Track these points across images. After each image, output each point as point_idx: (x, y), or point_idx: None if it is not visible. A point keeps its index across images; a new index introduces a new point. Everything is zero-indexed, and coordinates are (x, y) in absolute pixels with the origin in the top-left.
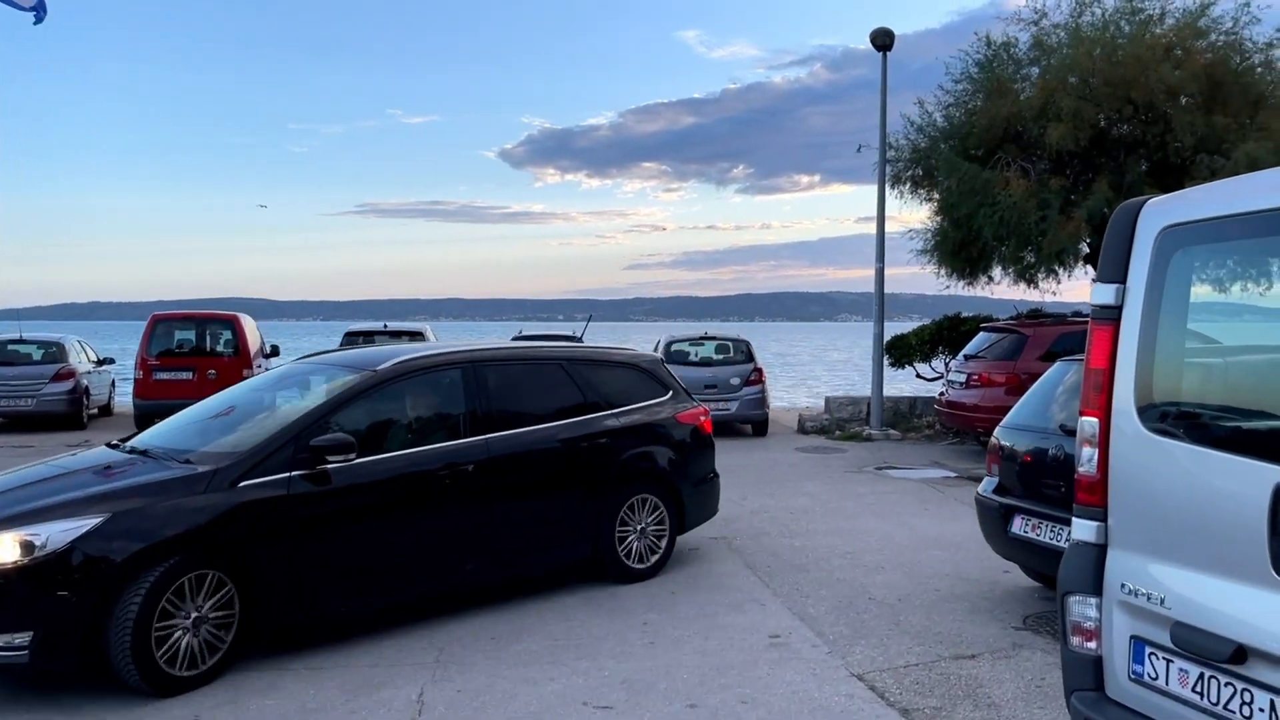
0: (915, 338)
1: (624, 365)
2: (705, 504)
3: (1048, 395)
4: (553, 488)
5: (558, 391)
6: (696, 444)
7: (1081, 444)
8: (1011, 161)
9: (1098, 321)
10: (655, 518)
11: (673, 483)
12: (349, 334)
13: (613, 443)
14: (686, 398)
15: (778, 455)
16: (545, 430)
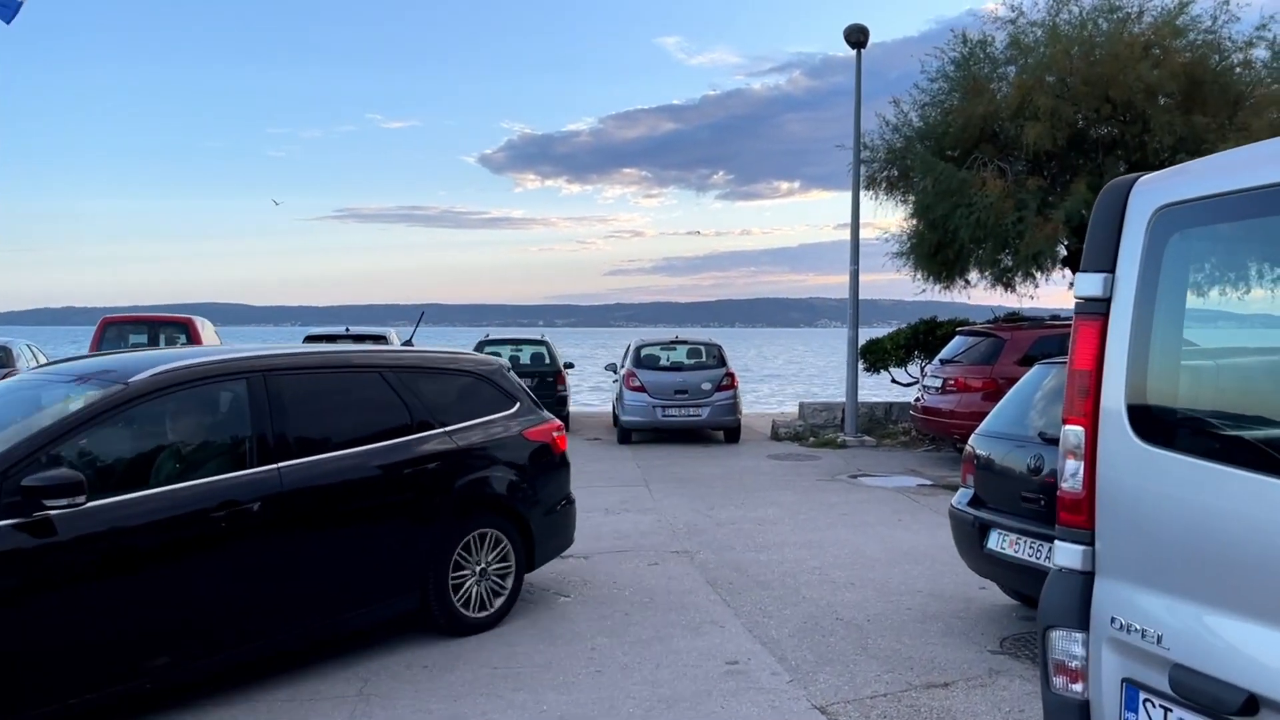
0: (890, 342)
1: (460, 373)
2: (558, 535)
3: (1026, 400)
4: (368, 527)
5: (376, 407)
6: (548, 465)
7: (1065, 456)
8: (988, 162)
9: (1083, 316)
10: (499, 554)
11: (519, 513)
12: (308, 339)
13: (445, 468)
14: (535, 410)
15: (749, 463)
16: (358, 455)
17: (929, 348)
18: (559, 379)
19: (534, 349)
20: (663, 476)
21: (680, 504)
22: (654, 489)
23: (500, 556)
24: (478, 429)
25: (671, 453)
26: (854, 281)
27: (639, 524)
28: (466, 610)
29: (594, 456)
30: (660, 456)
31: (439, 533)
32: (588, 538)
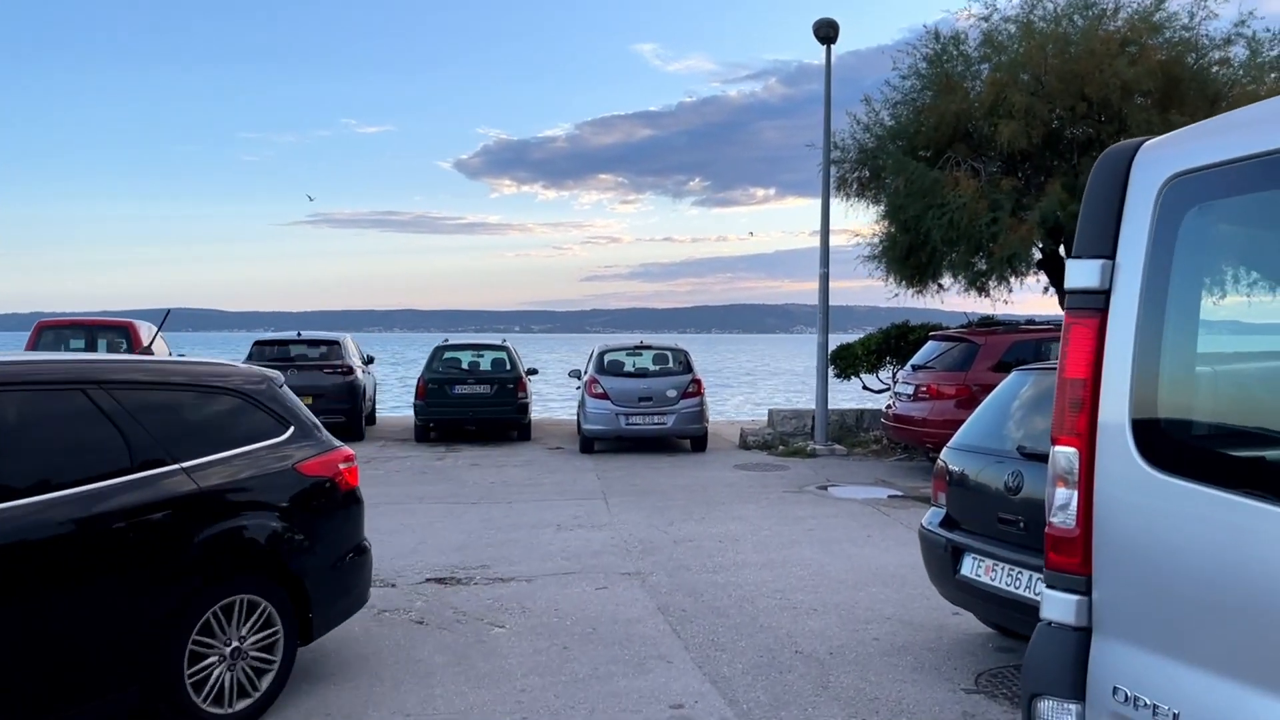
0: (861, 347)
1: (208, 391)
2: (346, 594)
3: (1002, 411)
4: (67, 599)
5: (82, 436)
6: (330, 507)
7: (1054, 482)
8: (961, 161)
9: (1076, 313)
10: (260, 623)
11: (290, 570)
12: (259, 343)
13: (180, 517)
14: (315, 437)
15: (714, 474)
16: (43, 506)
17: (901, 353)
18: (520, 385)
19: (494, 354)
20: (623, 488)
21: (638, 519)
22: (612, 502)
23: (262, 628)
24: (232, 463)
25: (634, 463)
26: (824, 285)
27: (591, 542)
28: (212, 705)
29: (552, 467)
30: (622, 467)
31: (170, 604)
32: (534, 558)
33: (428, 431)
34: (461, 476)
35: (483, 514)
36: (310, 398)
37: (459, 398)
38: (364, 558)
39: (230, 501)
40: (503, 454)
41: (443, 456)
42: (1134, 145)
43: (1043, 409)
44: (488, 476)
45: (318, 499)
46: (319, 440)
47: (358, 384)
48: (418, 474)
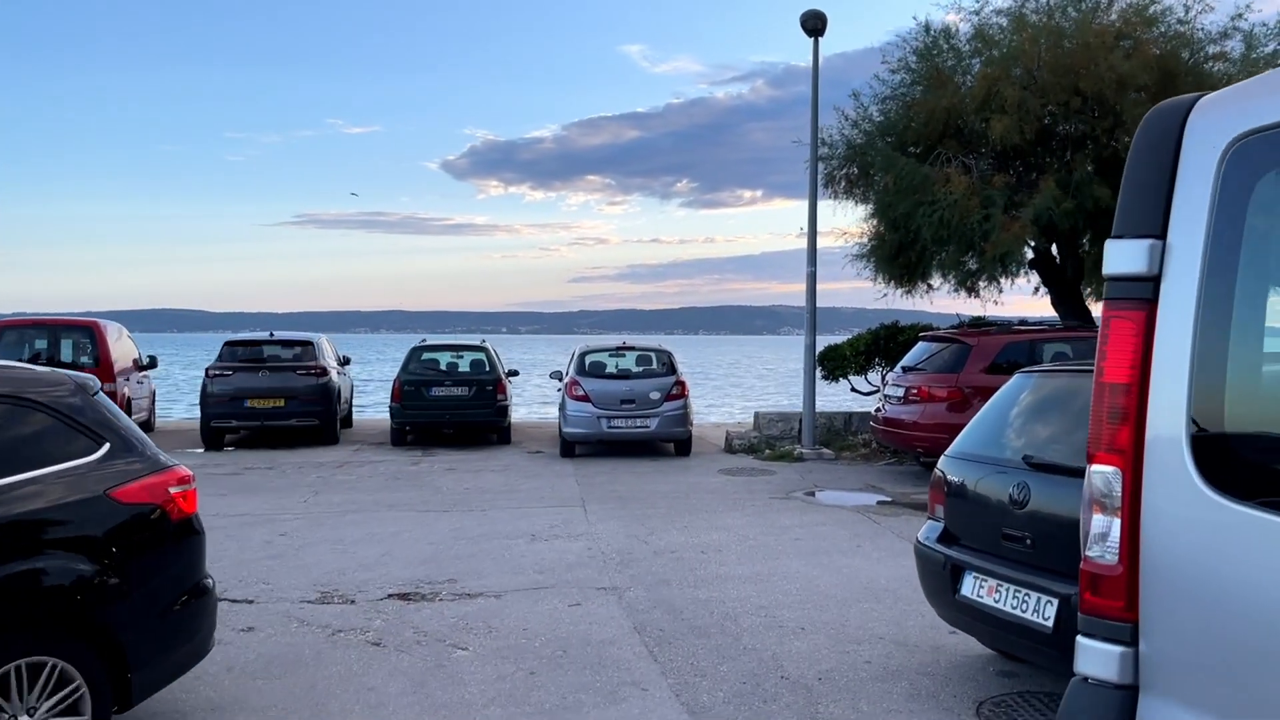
0: (850, 348)
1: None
2: (181, 643)
3: (1003, 416)
4: None
5: None
6: (155, 541)
7: (1090, 508)
8: (952, 158)
9: (1118, 305)
10: (57, 689)
11: (100, 621)
12: (229, 344)
13: None
14: (140, 454)
15: (698, 479)
16: None
17: (891, 354)
18: (499, 387)
19: (473, 355)
20: (603, 495)
21: (617, 528)
22: (591, 510)
23: (65, 696)
24: (22, 491)
25: (616, 467)
26: (811, 284)
27: (566, 553)
28: None
29: (531, 472)
30: (603, 471)
31: None
32: (505, 571)
33: (404, 435)
34: (435, 482)
35: (454, 523)
36: (282, 400)
37: (436, 400)
38: (204, 600)
39: (17, 540)
40: (480, 458)
41: (418, 461)
42: (1188, 101)
43: (1048, 415)
44: (463, 482)
45: (140, 532)
46: (145, 459)
47: (332, 386)
48: (390, 480)
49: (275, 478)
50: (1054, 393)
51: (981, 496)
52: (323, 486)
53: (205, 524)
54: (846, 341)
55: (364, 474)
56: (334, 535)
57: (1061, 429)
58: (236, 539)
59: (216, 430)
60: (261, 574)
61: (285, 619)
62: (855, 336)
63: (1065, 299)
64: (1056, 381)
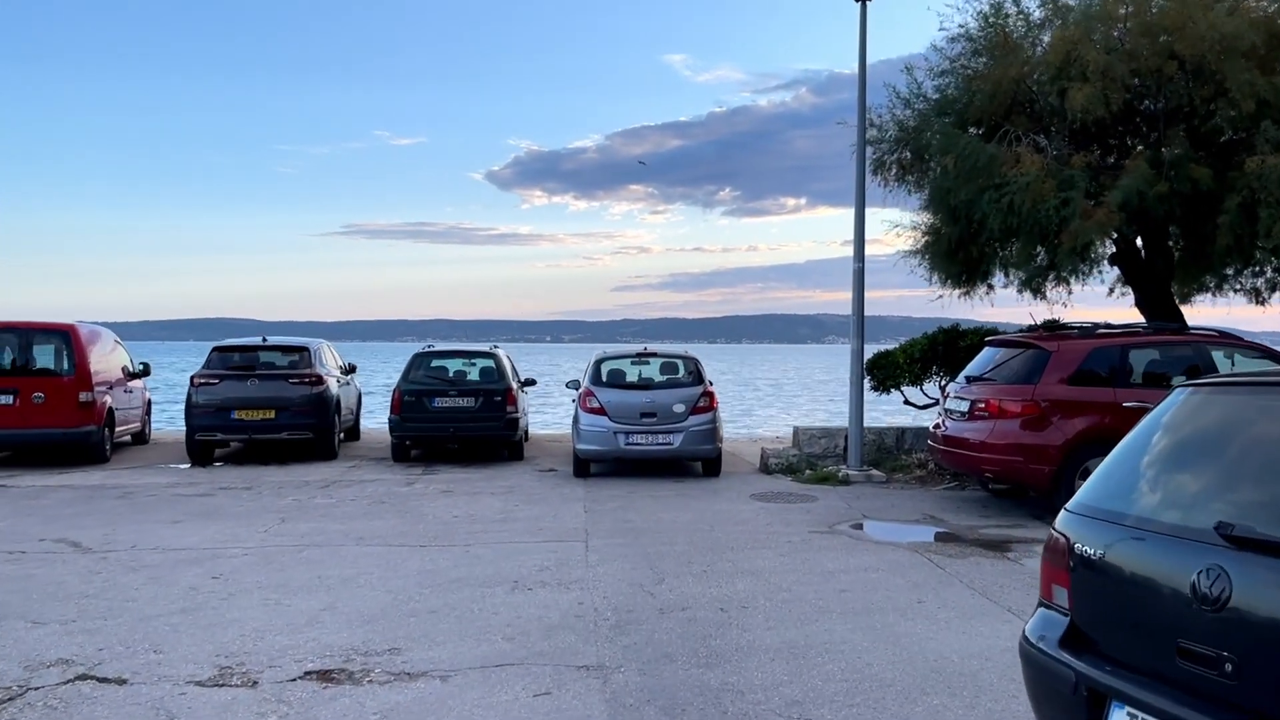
0: (903, 355)
1: None
2: None
3: (1169, 454)
4: None
5: None
6: None
7: None
8: (1022, 136)
9: None
10: None
11: None
12: (218, 349)
13: None
14: None
15: (726, 506)
16: None
17: (950, 362)
18: (509, 398)
19: (482, 363)
20: (612, 526)
21: (621, 572)
22: (594, 546)
23: None
24: None
25: (634, 490)
26: (858, 282)
27: (551, 609)
28: None
29: (535, 495)
30: (617, 496)
31: None
32: (467, 636)
33: (405, 450)
34: (422, 509)
35: (426, 563)
36: (272, 411)
37: (438, 412)
38: None
39: None
40: (484, 477)
41: (413, 480)
42: None
43: (1251, 456)
44: (454, 508)
45: None
46: None
47: (328, 396)
48: (373, 505)
49: (246, 500)
50: (1256, 418)
51: (1141, 583)
52: (294, 512)
53: (134, 562)
54: (899, 347)
55: (347, 496)
56: (276, 580)
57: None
58: (156, 584)
59: (203, 444)
60: (159, 638)
61: (151, 713)
62: (910, 342)
63: (1153, 299)
64: (1259, 400)
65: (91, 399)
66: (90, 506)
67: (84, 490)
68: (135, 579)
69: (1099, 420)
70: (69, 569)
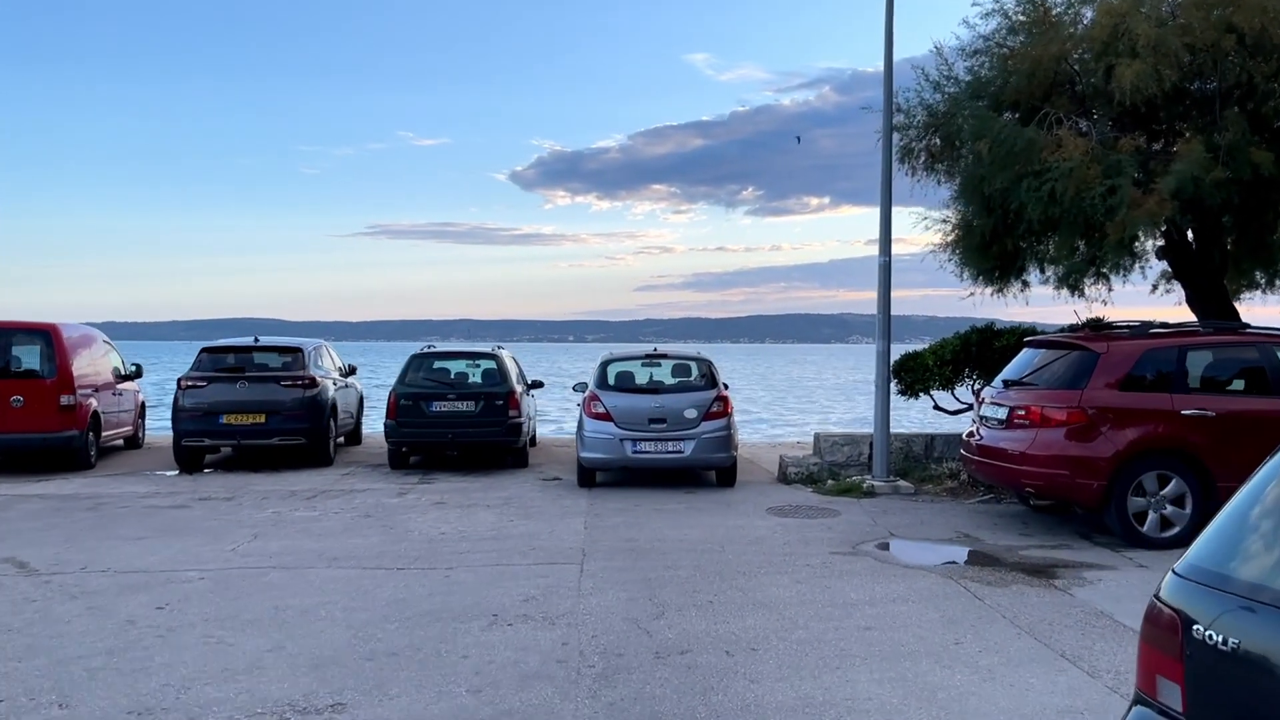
0: (933, 357)
1: None
2: None
3: None
4: None
5: None
6: None
7: None
8: (1063, 118)
9: None
10: None
11: None
12: (207, 350)
13: None
14: None
15: (740, 521)
16: None
17: (984, 364)
18: (511, 402)
19: (484, 364)
20: (612, 545)
21: (616, 602)
22: (590, 570)
23: None
24: None
25: (640, 502)
26: (884, 277)
27: (528, 652)
28: None
29: (533, 508)
30: (622, 509)
31: None
32: (426, 686)
33: (403, 456)
34: (409, 524)
35: (399, 590)
36: (263, 415)
37: (436, 416)
38: None
39: None
40: (482, 487)
41: (406, 490)
42: None
43: None
44: (443, 523)
45: None
46: None
47: (322, 399)
48: (357, 519)
49: (223, 513)
50: None
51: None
52: (269, 528)
53: (78, 588)
54: (929, 348)
55: (332, 508)
56: (227, 611)
57: None
58: (92, 615)
59: (190, 450)
60: (71, 686)
61: None
62: (940, 342)
63: (1206, 296)
64: None
65: (74, 402)
66: (54, 520)
67: (54, 500)
68: (71, 609)
69: (1153, 430)
70: (3, 596)
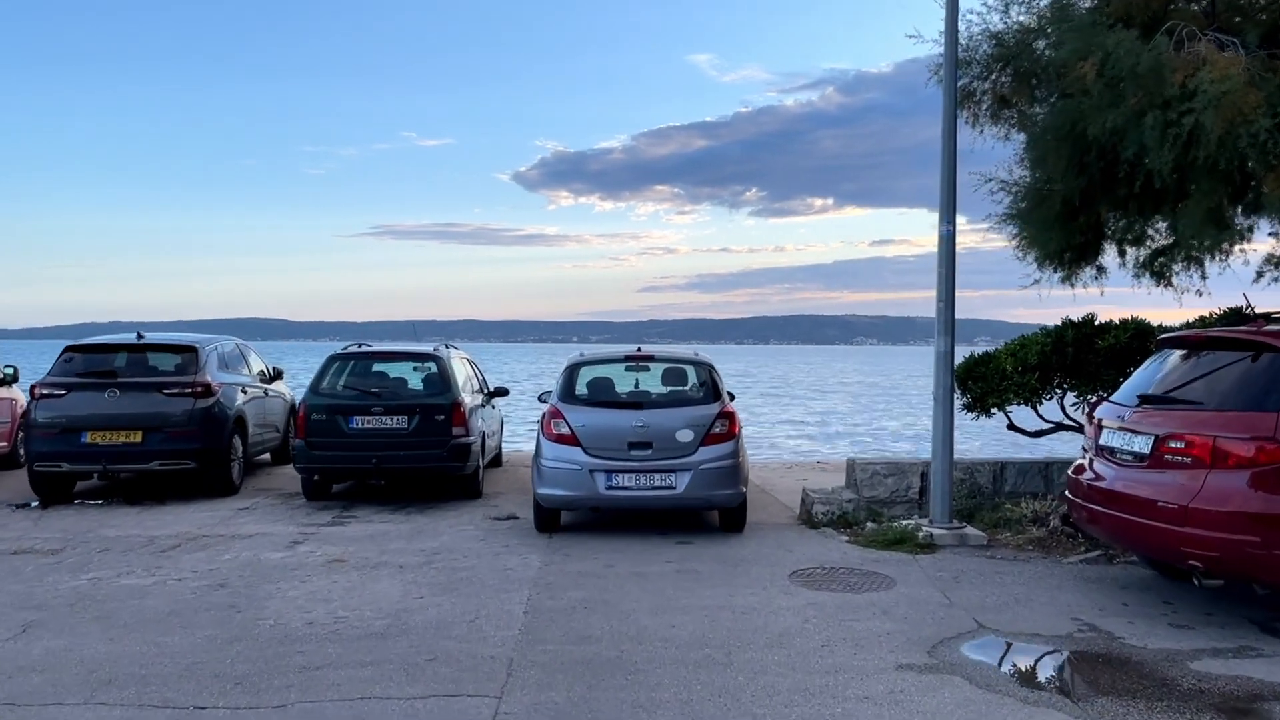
0: (1012, 361)
1: None
2: None
3: None
4: None
5: None
6: None
7: None
8: (1199, 32)
9: None
10: None
11: None
12: (72, 349)
13: None
14: None
15: (755, 599)
16: None
17: (1083, 370)
18: (455, 416)
19: (423, 369)
20: (558, 651)
21: None
22: (514, 700)
23: None
24: None
25: (614, 559)
26: (946, 250)
27: None
28: None
29: (461, 572)
30: (586, 573)
31: None
32: None
33: (321, 486)
34: (271, 602)
35: None
36: (139, 432)
37: (357, 436)
38: None
39: None
40: (407, 533)
41: (302, 538)
42: None
43: None
44: (321, 600)
45: None
46: None
47: (221, 412)
48: (202, 591)
49: (25, 577)
50: None
51: None
52: (62, 609)
53: None
54: (1005, 349)
55: (184, 569)
56: None
57: None
58: None
59: (48, 477)
60: None
61: None
62: (1019, 342)
63: None
64: None
65: None
66: None
67: None
68: None
69: None
70: None
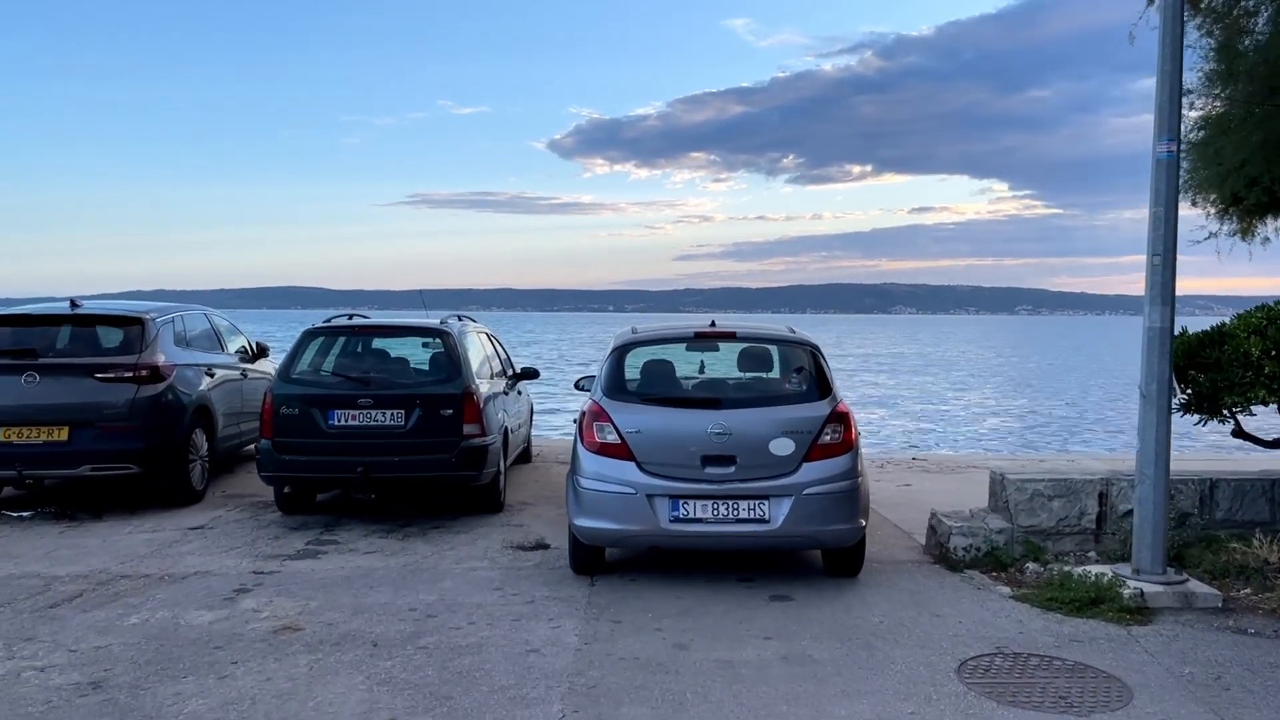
0: (1258, 341)
1: None
2: None
3: None
4: None
5: None
6: None
7: None
8: None
9: None
10: None
11: None
12: None
13: None
14: None
15: (905, 707)
16: None
17: None
18: (467, 410)
19: (426, 348)
20: None
21: None
22: None
23: None
24: None
25: (685, 634)
26: (1167, 180)
27: None
28: None
29: (458, 658)
30: (644, 661)
31: None
32: None
33: (297, 497)
34: (187, 705)
35: None
36: (64, 429)
37: (339, 435)
38: None
39: None
40: (397, 572)
41: (254, 582)
42: None
43: None
44: (235, 717)
45: None
46: None
47: (174, 401)
48: (75, 690)
49: None
50: None
51: None
52: None
53: None
54: (1240, 323)
55: (61, 645)
56: None
57: None
58: None
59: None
60: None
61: None
62: (1265, 314)
63: None
64: None
65: None
66: None
67: None
68: None
69: None
70: None
